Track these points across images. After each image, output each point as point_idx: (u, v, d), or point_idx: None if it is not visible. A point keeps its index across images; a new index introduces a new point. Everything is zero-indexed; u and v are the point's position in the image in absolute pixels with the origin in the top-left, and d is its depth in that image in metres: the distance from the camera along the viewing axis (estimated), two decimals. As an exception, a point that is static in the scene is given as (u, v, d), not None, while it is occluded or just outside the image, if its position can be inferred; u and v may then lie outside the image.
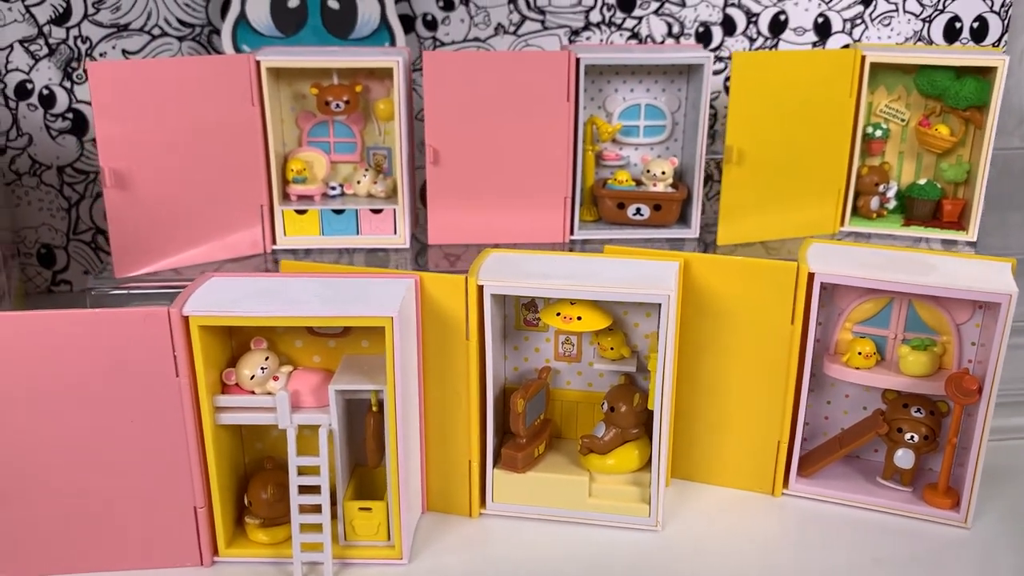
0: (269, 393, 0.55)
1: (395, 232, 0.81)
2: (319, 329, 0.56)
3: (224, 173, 0.76)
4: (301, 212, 0.80)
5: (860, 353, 0.61)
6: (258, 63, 0.75)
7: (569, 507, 0.59)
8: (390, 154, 0.84)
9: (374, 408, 0.56)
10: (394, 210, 0.81)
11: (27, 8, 0.91)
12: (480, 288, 0.56)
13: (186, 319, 0.51)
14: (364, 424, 0.56)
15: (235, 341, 0.57)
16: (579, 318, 0.57)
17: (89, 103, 0.95)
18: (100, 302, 0.73)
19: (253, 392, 0.55)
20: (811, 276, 0.58)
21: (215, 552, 0.56)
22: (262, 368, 0.54)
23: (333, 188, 0.82)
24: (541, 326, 0.62)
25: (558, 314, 0.57)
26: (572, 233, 0.83)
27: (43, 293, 1.00)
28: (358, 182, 0.82)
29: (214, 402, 0.53)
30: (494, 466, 0.60)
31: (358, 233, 0.81)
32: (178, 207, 0.75)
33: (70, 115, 0.95)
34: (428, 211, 0.81)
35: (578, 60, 0.78)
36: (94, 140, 0.96)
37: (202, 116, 0.73)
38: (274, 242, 0.80)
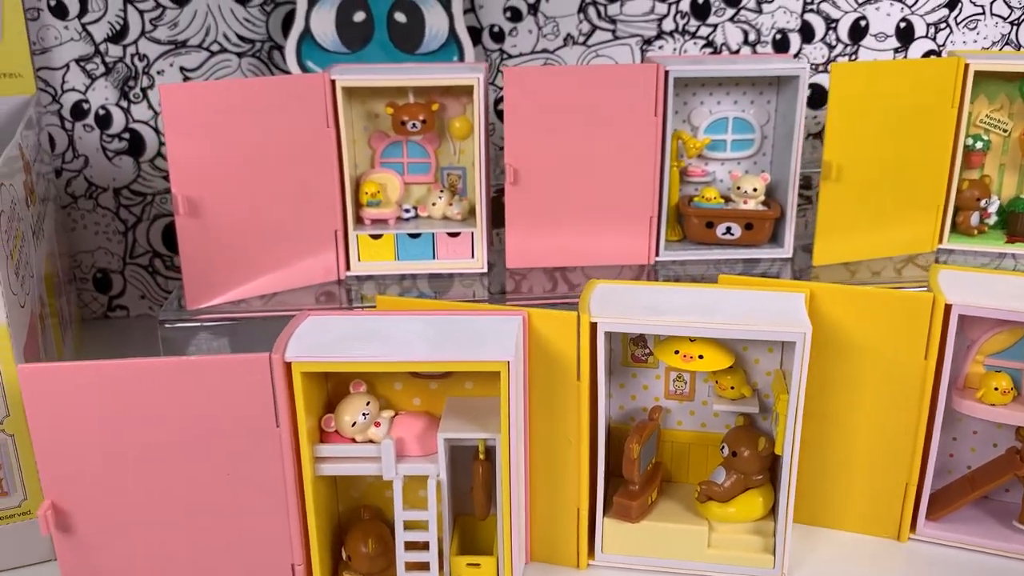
0: (371, 440, 0.51)
1: (472, 256, 0.77)
2: (422, 372, 0.53)
3: (297, 198, 0.73)
4: (376, 237, 0.76)
5: (996, 389, 0.56)
6: (333, 82, 0.71)
7: (687, 558, 0.55)
8: (465, 174, 0.80)
9: (482, 456, 0.52)
10: (472, 233, 0.77)
11: (83, 26, 0.89)
12: (593, 325, 0.51)
13: (288, 365, 0.47)
14: (471, 473, 0.52)
15: (331, 383, 0.53)
16: (700, 357, 0.52)
17: (146, 123, 0.92)
18: (172, 335, 0.69)
19: (354, 440, 0.51)
20: (948, 308, 0.54)
21: (313, 611, 0.52)
22: (364, 414, 0.51)
23: (407, 211, 0.79)
24: (651, 362, 0.58)
25: (676, 352, 0.53)
26: (658, 254, 0.78)
27: (99, 319, 0.97)
28: (433, 204, 0.78)
29: (315, 452, 0.50)
30: (605, 515, 0.56)
31: (434, 258, 0.77)
32: (251, 234, 0.71)
33: (127, 135, 0.92)
34: (506, 233, 0.77)
35: (667, 73, 0.74)
36: (151, 161, 0.93)
37: (275, 138, 0.70)
38: (348, 268, 0.77)
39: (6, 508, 0.56)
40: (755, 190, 0.78)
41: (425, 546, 0.50)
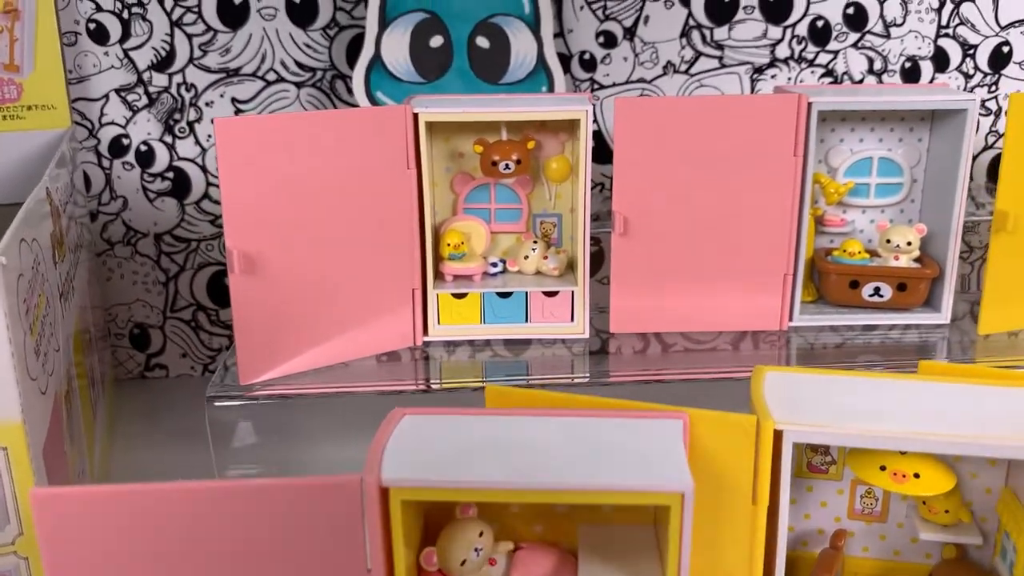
0: (484, 583, 0.39)
1: (572, 319, 0.65)
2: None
3: (370, 251, 0.61)
4: (460, 296, 0.65)
5: None
6: (415, 116, 0.60)
7: None
8: (560, 222, 0.69)
9: (628, 603, 0.39)
10: (571, 292, 0.65)
11: (125, 52, 0.79)
12: (777, 434, 0.39)
13: (384, 491, 0.35)
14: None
15: (428, 504, 0.41)
16: (916, 476, 0.40)
17: (193, 160, 0.82)
18: (222, 416, 0.58)
19: (462, 581, 0.39)
20: None
21: None
22: (476, 549, 0.39)
23: (494, 264, 0.67)
24: (832, 473, 0.45)
25: (883, 468, 0.41)
26: (791, 318, 0.66)
27: (135, 379, 0.87)
28: (525, 257, 0.66)
29: (414, 601, 0.38)
30: (778, 671, 0.43)
31: (527, 320, 0.66)
32: (315, 294, 0.60)
33: (170, 174, 0.82)
34: (611, 293, 0.65)
35: (810, 105, 0.62)
36: (197, 203, 0.83)
37: (345, 182, 0.59)
38: (425, 332, 0.65)
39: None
40: (909, 244, 0.65)
41: None
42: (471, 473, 0.36)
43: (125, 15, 0.78)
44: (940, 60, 0.84)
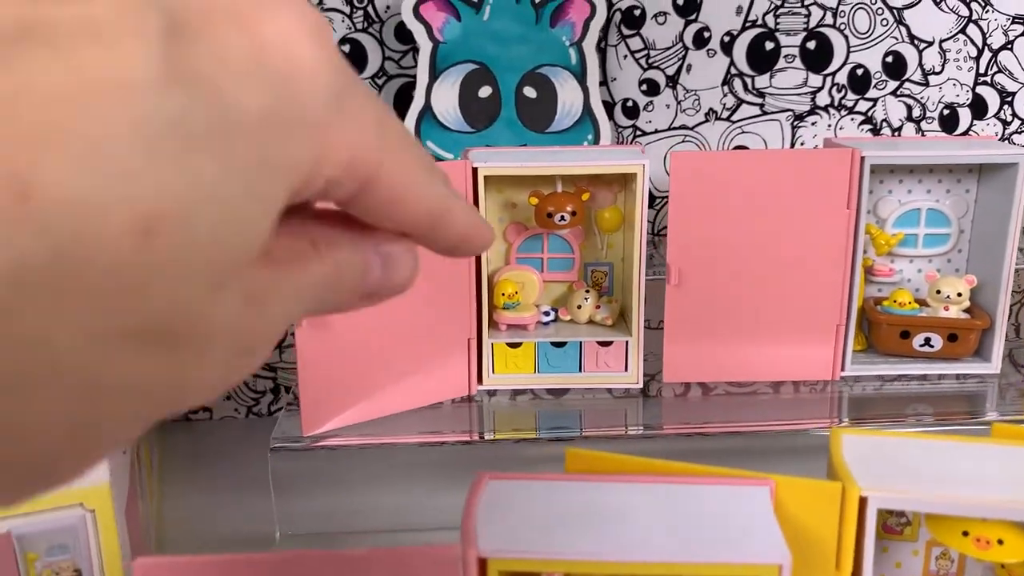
0: (571, 648, 0.39)
1: (626, 369, 0.66)
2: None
3: (428, 303, 0.62)
4: (515, 345, 0.65)
5: None
6: (475, 170, 0.61)
7: None
8: (611, 271, 0.69)
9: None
10: (626, 342, 0.66)
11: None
12: (862, 500, 0.40)
13: (483, 562, 0.36)
14: None
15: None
16: (1000, 542, 0.40)
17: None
18: (285, 465, 0.59)
19: (551, 648, 0.39)
20: None
21: None
22: (565, 615, 0.39)
23: (547, 313, 0.68)
24: (907, 534, 0.46)
25: (965, 533, 0.41)
26: (843, 368, 0.67)
27: (180, 421, 0.87)
28: (578, 307, 0.67)
29: (506, 669, 0.38)
30: None
31: (580, 370, 0.66)
32: (376, 344, 0.61)
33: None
34: (665, 342, 0.66)
35: (862, 159, 0.63)
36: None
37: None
38: (480, 382, 0.66)
39: None
40: (959, 295, 0.66)
41: None
42: (565, 544, 0.36)
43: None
44: (978, 107, 0.85)
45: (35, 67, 0.13)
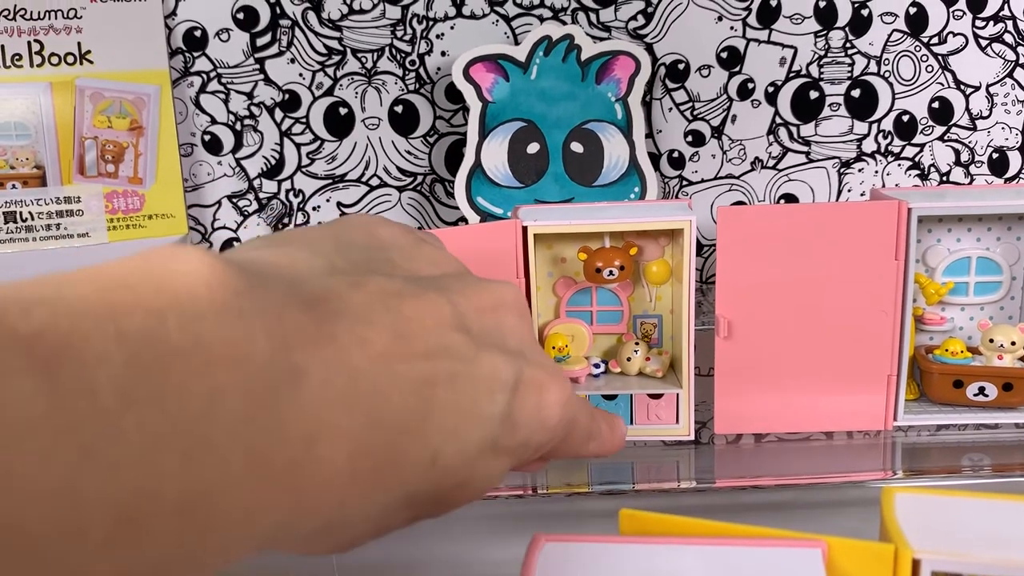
0: None
1: (677, 421, 0.67)
2: (687, 614, 0.42)
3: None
4: (566, 399, 0.67)
5: None
6: (524, 229, 0.63)
7: None
8: (660, 322, 0.70)
9: None
10: (676, 395, 0.66)
11: (237, 161, 0.84)
12: (915, 563, 0.40)
13: (540, 624, 0.37)
14: None
15: (570, 625, 0.42)
16: (1058, 604, 0.40)
17: (300, 262, 0.85)
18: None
19: None
20: None
21: None
22: (621, 676, 0.40)
23: (597, 365, 0.69)
24: (963, 593, 0.45)
25: (1021, 595, 0.41)
26: (896, 418, 0.66)
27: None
28: (628, 359, 0.68)
29: None
30: None
31: (632, 422, 0.67)
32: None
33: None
34: (716, 394, 0.67)
35: (909, 211, 0.63)
36: (303, 301, 0.86)
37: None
38: (532, 435, 0.67)
39: None
40: (1013, 343, 0.66)
41: None
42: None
43: (238, 127, 0.83)
44: (1028, 150, 0.85)
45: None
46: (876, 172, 0.85)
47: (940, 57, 0.82)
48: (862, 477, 0.61)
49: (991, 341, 0.66)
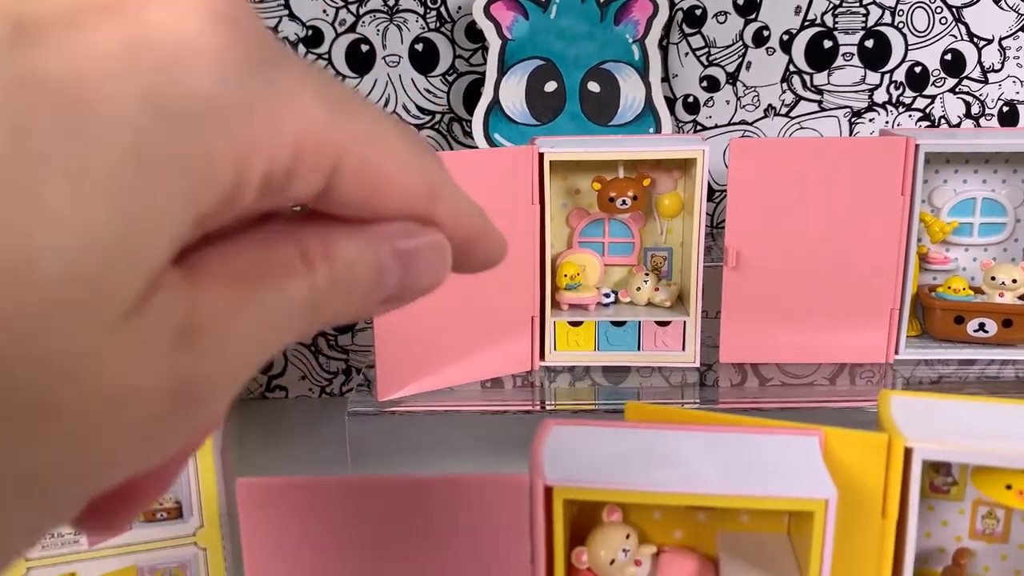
0: (629, 582, 0.42)
1: (683, 348, 0.69)
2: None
3: (495, 281, 0.66)
4: (576, 324, 0.69)
5: None
6: (541, 155, 0.65)
7: None
8: (670, 255, 0.72)
9: (764, 607, 0.42)
10: (684, 322, 0.68)
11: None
12: (907, 451, 0.42)
13: (548, 490, 0.39)
14: (751, 628, 0.43)
15: (576, 509, 0.44)
16: (1043, 494, 0.42)
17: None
18: (360, 429, 0.63)
19: (610, 580, 0.42)
20: None
21: None
22: (624, 550, 0.42)
23: (608, 295, 0.71)
24: (954, 493, 0.48)
25: (1008, 487, 0.43)
26: (897, 352, 0.68)
27: (256, 399, 0.92)
28: (637, 289, 0.70)
29: (568, 595, 0.41)
30: None
31: (639, 349, 0.69)
32: (444, 320, 0.65)
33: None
34: (722, 323, 0.69)
35: (916, 147, 0.65)
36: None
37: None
38: (542, 358, 0.69)
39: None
40: (1015, 281, 0.67)
41: None
42: (624, 477, 0.39)
43: (262, 62, 0.85)
44: (1038, 104, 0.86)
45: None
46: (887, 122, 0.86)
47: (954, 9, 0.83)
48: (863, 403, 0.63)
49: (993, 279, 0.68)
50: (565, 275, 0.69)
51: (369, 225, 0.17)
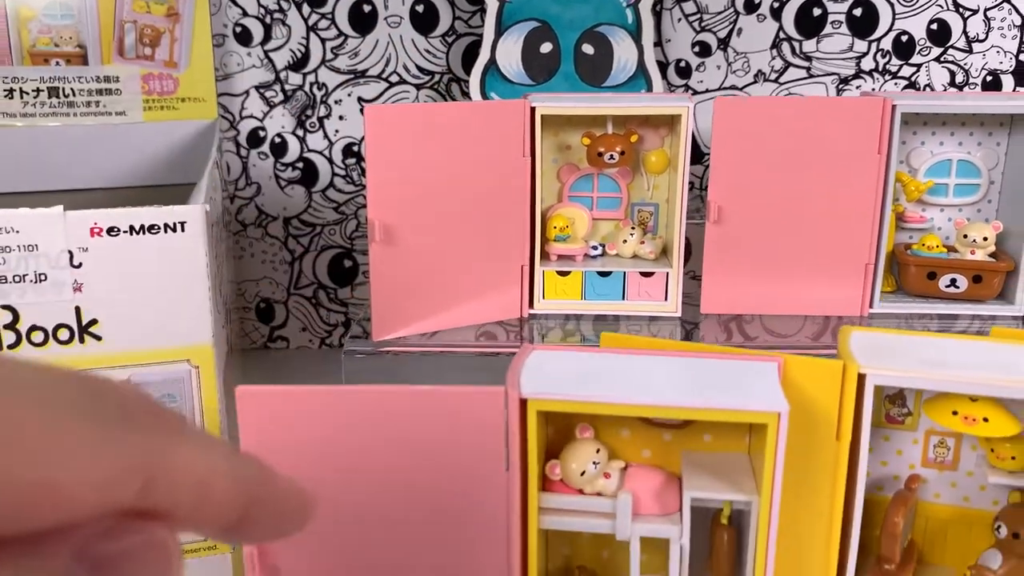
0: (599, 493, 0.45)
1: (666, 298, 0.72)
2: (657, 419, 0.47)
3: (487, 230, 0.69)
4: (564, 274, 0.72)
5: None
6: (532, 109, 0.68)
7: (951, 655, 0.47)
8: (656, 211, 0.75)
9: (724, 521, 0.45)
10: (666, 273, 0.71)
11: (266, 53, 0.88)
12: (860, 377, 0.45)
13: (523, 402, 0.42)
14: (712, 540, 0.46)
15: (551, 428, 0.48)
16: (985, 420, 0.45)
17: (320, 152, 0.90)
18: (357, 368, 0.66)
19: (581, 491, 0.45)
20: None
21: None
22: (594, 463, 0.45)
23: (595, 248, 0.74)
24: (908, 424, 0.51)
25: (955, 412, 0.46)
26: (872, 306, 0.71)
27: (259, 349, 0.96)
28: (624, 241, 0.73)
29: (541, 502, 0.44)
30: (854, 596, 0.48)
31: (623, 298, 0.72)
32: (439, 266, 0.68)
33: (300, 164, 0.91)
34: (703, 275, 0.72)
35: (893, 107, 0.67)
36: (323, 191, 0.91)
37: (471, 167, 0.66)
38: (531, 306, 0.72)
39: (194, 540, 0.52)
40: (985, 239, 0.70)
41: (660, 620, 0.44)
42: (595, 392, 0.42)
43: (267, 20, 0.88)
44: (1021, 75, 0.88)
45: None
46: (873, 89, 0.88)
47: (941, -20, 0.86)
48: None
49: (965, 236, 0.71)
50: (555, 227, 0.72)
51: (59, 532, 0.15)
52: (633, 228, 0.74)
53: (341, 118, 0.90)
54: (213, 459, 0.17)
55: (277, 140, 0.90)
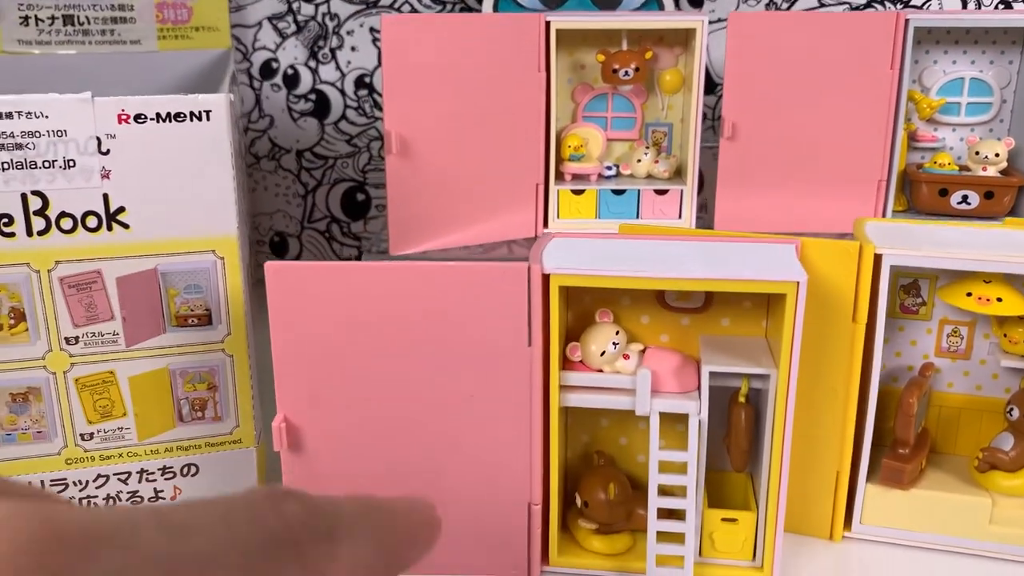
0: (618, 372, 0.46)
1: (680, 216, 0.72)
2: (675, 303, 0.48)
3: (502, 146, 0.69)
4: (578, 192, 0.72)
5: None
6: (548, 24, 0.68)
7: (963, 534, 0.48)
8: (671, 131, 0.75)
9: (741, 399, 0.46)
10: (680, 191, 0.72)
11: (279, -15, 0.88)
12: (877, 258, 0.46)
13: (546, 278, 0.43)
14: (729, 418, 0.47)
15: (572, 314, 0.49)
16: (999, 300, 0.46)
17: (333, 84, 0.91)
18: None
19: (601, 371, 0.46)
20: None
21: (545, 560, 0.48)
22: (614, 343, 0.46)
23: (609, 168, 0.74)
24: (922, 314, 0.51)
25: (969, 294, 0.47)
26: (883, 223, 0.72)
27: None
28: (638, 161, 0.73)
29: (562, 380, 0.45)
30: (868, 480, 0.49)
31: (638, 216, 0.73)
32: (453, 183, 0.68)
33: (313, 96, 0.91)
34: (717, 193, 0.72)
35: (907, 22, 0.67)
36: (336, 124, 0.92)
37: (486, 81, 0.67)
38: (546, 225, 0.73)
39: (218, 435, 0.54)
40: (997, 155, 0.70)
41: (680, 492, 0.45)
42: (615, 267, 0.43)
43: (280, -49, 0.88)
44: (1035, 2, 0.88)
45: None
46: (885, 18, 0.89)
47: (955, -93, 0.85)
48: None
49: (977, 153, 0.71)
50: (569, 147, 0.73)
51: None
52: (647, 148, 0.74)
53: (353, 49, 0.90)
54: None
55: (290, 72, 0.91)
